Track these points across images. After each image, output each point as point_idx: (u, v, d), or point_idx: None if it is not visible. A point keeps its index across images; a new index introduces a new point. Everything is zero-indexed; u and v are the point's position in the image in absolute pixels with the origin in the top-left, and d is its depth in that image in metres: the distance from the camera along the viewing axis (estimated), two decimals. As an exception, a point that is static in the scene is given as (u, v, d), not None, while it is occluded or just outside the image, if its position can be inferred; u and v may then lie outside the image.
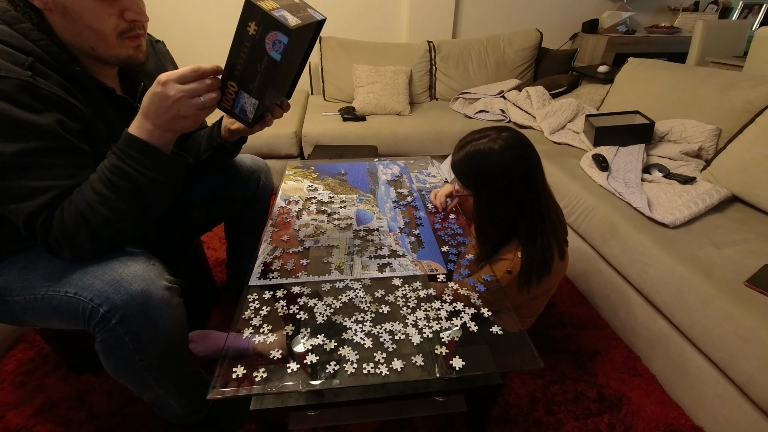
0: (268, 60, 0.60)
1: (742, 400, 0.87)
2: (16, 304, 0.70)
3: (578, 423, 0.98)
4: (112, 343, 0.67)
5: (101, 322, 0.65)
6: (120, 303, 0.64)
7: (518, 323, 0.75)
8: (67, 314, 0.67)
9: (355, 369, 0.64)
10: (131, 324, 0.66)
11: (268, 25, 0.56)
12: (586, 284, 1.39)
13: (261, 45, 0.58)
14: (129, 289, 0.64)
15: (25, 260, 0.71)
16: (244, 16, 0.57)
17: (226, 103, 0.67)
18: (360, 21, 2.62)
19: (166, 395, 0.80)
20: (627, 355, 1.17)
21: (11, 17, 0.61)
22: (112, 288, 0.64)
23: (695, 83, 1.58)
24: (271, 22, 0.56)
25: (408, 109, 2.29)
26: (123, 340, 0.67)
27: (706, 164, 1.44)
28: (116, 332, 0.66)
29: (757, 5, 3.16)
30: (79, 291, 0.65)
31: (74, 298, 0.65)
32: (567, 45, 3.03)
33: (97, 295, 0.64)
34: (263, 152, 1.97)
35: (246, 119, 0.68)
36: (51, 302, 0.67)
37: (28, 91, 0.58)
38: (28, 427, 0.96)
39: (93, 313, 0.64)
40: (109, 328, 0.65)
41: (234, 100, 0.66)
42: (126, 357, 0.69)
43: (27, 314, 0.71)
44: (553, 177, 1.53)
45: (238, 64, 0.62)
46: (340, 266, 0.86)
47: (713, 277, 0.96)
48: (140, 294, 0.65)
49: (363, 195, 1.16)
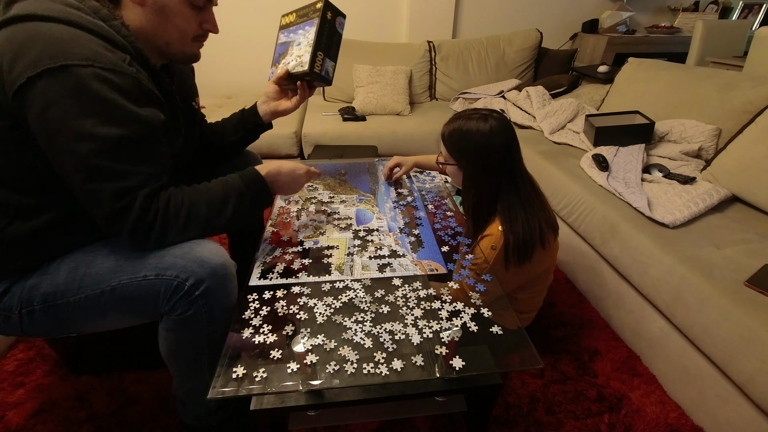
0: (337, 35, 0.96)
1: (742, 400, 0.87)
2: (69, 306, 0.70)
3: (578, 423, 0.98)
4: (189, 315, 0.70)
5: (185, 296, 0.69)
6: (205, 276, 0.69)
7: (517, 320, 0.75)
8: (142, 300, 0.70)
9: (355, 369, 0.64)
10: (211, 296, 0.70)
11: (337, 12, 0.95)
12: (586, 284, 1.39)
13: (333, 26, 0.94)
14: (212, 264, 0.70)
15: (73, 262, 0.72)
16: (325, 8, 0.91)
17: (318, 68, 0.91)
18: (360, 21, 2.62)
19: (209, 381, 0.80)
20: (627, 355, 1.17)
21: (105, 15, 0.67)
22: (197, 264, 0.69)
23: (695, 83, 1.58)
24: (338, 11, 0.95)
25: (408, 109, 2.29)
26: (200, 312, 0.71)
27: (706, 164, 1.44)
28: (196, 304, 0.70)
29: (757, 5, 3.16)
30: (160, 272, 0.68)
31: (155, 280, 0.68)
32: (567, 45, 3.03)
33: (182, 271, 0.68)
34: (263, 152, 1.95)
35: (328, 78, 0.95)
36: (123, 291, 0.69)
37: (135, 86, 0.65)
38: (28, 427, 0.96)
39: (178, 288, 0.68)
40: (191, 300, 0.69)
41: (321, 66, 0.92)
42: (197, 331, 0.73)
43: (82, 315, 0.72)
44: (553, 177, 1.53)
45: (323, 40, 0.91)
46: (340, 266, 0.86)
47: (713, 277, 0.96)
48: (221, 267, 0.71)
49: (363, 195, 1.16)
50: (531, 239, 0.88)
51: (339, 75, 2.43)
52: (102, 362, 1.09)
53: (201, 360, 0.77)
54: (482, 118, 0.90)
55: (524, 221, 0.88)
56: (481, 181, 0.92)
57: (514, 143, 0.91)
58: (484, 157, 0.90)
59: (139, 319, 0.75)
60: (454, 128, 0.93)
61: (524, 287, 1.01)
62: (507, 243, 0.87)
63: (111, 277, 0.70)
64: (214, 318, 0.73)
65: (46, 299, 0.70)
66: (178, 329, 0.73)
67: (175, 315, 0.70)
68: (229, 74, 2.62)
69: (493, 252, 0.88)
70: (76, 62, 0.58)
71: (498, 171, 0.90)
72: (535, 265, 0.92)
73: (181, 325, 0.72)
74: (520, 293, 1.02)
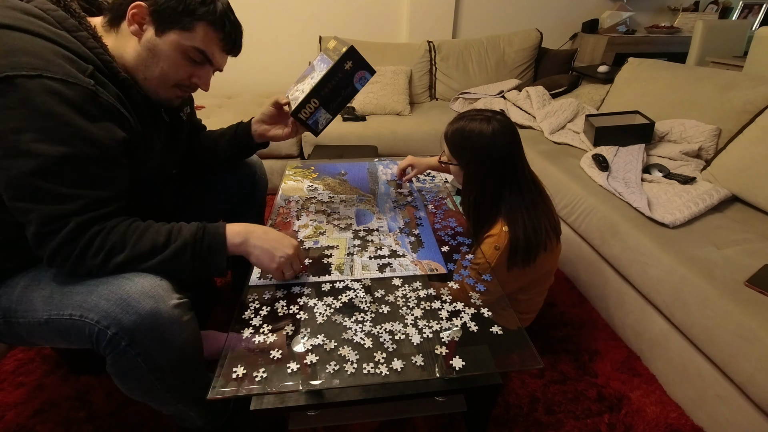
0: (351, 89, 0.87)
1: (742, 400, 0.87)
2: (20, 327, 0.67)
3: (578, 423, 0.98)
4: (124, 365, 0.65)
5: (110, 345, 0.63)
6: (129, 324, 0.61)
7: (517, 320, 0.75)
8: (74, 337, 0.65)
9: (355, 369, 0.64)
10: (142, 345, 0.64)
11: (361, 66, 0.85)
12: (586, 284, 1.39)
13: (350, 78, 0.86)
14: (137, 309, 0.62)
15: (29, 278, 0.69)
16: (345, 56, 0.83)
17: (304, 115, 0.87)
18: (360, 21, 2.62)
19: (186, 408, 0.79)
20: (627, 355, 1.17)
21: (71, 25, 0.64)
22: (120, 308, 0.61)
23: (695, 83, 1.58)
24: (364, 64, 0.86)
25: (408, 109, 2.29)
26: (136, 362, 0.65)
27: (706, 164, 1.44)
28: (128, 354, 0.64)
29: (757, 5, 3.16)
30: (84, 313, 0.62)
31: (79, 321, 0.62)
32: (567, 45, 3.03)
33: (103, 316, 0.61)
34: (263, 152, 1.95)
35: (316, 129, 0.90)
36: (55, 326, 0.65)
37: (90, 100, 0.60)
38: (28, 427, 0.96)
39: (101, 335, 0.62)
40: (119, 351, 0.63)
41: (311, 114, 0.87)
42: (140, 377, 0.67)
43: (33, 337, 0.69)
44: (553, 177, 1.53)
45: (327, 88, 0.84)
46: (340, 266, 0.86)
47: (713, 277, 0.96)
48: (149, 314, 0.63)
49: (363, 195, 1.16)
50: (535, 242, 0.88)
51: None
52: (102, 362, 1.06)
53: (162, 398, 0.73)
54: (485, 119, 0.89)
55: (527, 223, 0.88)
56: (481, 182, 0.92)
57: (516, 146, 0.91)
58: (486, 159, 0.90)
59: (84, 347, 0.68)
60: (456, 128, 0.93)
61: (525, 289, 1.01)
62: (512, 244, 0.87)
63: (43, 309, 0.65)
64: (158, 365, 0.67)
65: (5, 314, 0.67)
66: (119, 377, 0.69)
67: (109, 364, 0.66)
68: (229, 74, 2.61)
69: (496, 252, 0.88)
70: (22, 72, 0.55)
71: (499, 173, 0.90)
72: (537, 267, 0.92)
73: (120, 374, 0.68)
74: (521, 294, 1.02)
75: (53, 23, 0.62)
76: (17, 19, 0.59)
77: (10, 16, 0.59)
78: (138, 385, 0.70)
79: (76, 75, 0.59)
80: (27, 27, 0.59)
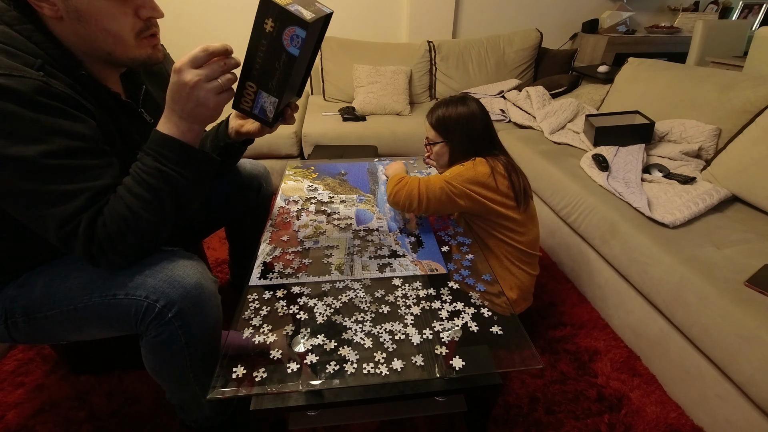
0: (286, 56, 0.60)
1: (742, 400, 0.87)
2: (47, 320, 0.68)
3: (578, 423, 0.98)
4: (165, 338, 0.66)
5: (157, 318, 0.64)
6: (176, 297, 0.64)
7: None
8: (115, 318, 0.66)
9: (355, 369, 0.64)
10: (186, 317, 0.66)
11: (286, 21, 0.57)
12: (587, 284, 1.39)
13: (279, 41, 0.59)
14: (183, 284, 0.65)
15: (50, 274, 0.69)
16: (261, 13, 0.57)
17: (246, 105, 0.67)
18: (360, 21, 2.62)
19: (201, 393, 0.79)
20: (627, 355, 1.17)
21: (12, 17, 0.58)
22: (167, 284, 0.64)
23: (695, 83, 1.58)
24: (289, 17, 0.56)
25: (408, 109, 2.29)
26: (176, 335, 0.66)
27: (706, 164, 1.44)
28: (171, 326, 0.65)
29: (757, 5, 3.16)
30: (130, 291, 0.64)
31: (125, 299, 0.64)
32: (567, 45, 3.03)
33: (152, 291, 0.63)
34: (263, 152, 1.97)
35: (266, 119, 0.68)
36: (95, 310, 0.66)
37: (42, 92, 0.55)
38: (28, 427, 0.96)
39: (148, 310, 0.64)
40: (164, 323, 0.65)
41: (253, 101, 0.66)
42: (176, 352, 0.69)
43: (62, 328, 0.70)
44: (553, 177, 1.53)
45: (256, 63, 0.62)
46: (340, 266, 0.86)
47: (713, 277, 0.96)
48: (194, 287, 0.66)
49: (363, 195, 1.16)
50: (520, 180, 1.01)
51: (339, 75, 2.43)
52: (102, 362, 1.09)
53: (186, 377, 0.74)
54: (459, 100, 1.05)
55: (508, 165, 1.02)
56: (464, 146, 1.04)
57: (486, 114, 1.07)
58: (467, 125, 1.03)
59: (119, 333, 0.72)
60: (439, 114, 1.06)
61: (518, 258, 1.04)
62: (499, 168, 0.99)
63: (82, 294, 0.66)
64: (194, 340, 0.69)
65: (26, 312, 0.68)
66: (156, 350, 0.69)
67: (150, 337, 0.67)
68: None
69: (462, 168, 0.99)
70: None
71: (479, 135, 1.04)
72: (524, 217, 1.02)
73: (159, 347, 0.68)
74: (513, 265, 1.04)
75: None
76: None
77: None
78: (170, 361, 0.71)
79: (21, 68, 0.54)
80: None
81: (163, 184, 0.62)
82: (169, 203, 0.63)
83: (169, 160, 0.62)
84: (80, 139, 0.58)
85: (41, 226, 0.59)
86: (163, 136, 0.62)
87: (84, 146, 0.59)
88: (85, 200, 0.58)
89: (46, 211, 0.57)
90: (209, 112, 0.62)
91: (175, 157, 0.62)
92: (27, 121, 0.53)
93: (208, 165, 0.67)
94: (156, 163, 0.61)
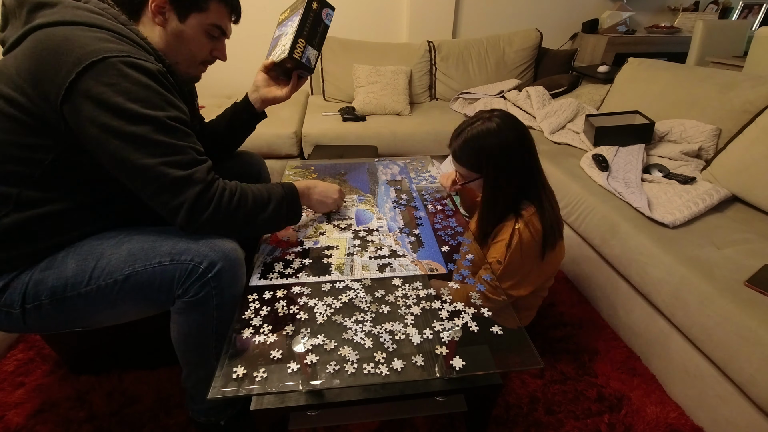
0: (323, 25, 0.98)
1: (742, 400, 0.87)
2: (79, 298, 0.71)
3: (578, 423, 0.98)
4: (200, 297, 0.72)
5: (198, 278, 0.71)
6: (217, 258, 0.72)
7: (517, 320, 0.75)
8: (156, 286, 0.72)
9: (355, 369, 0.64)
10: (222, 278, 0.73)
11: (325, 4, 0.97)
12: (586, 284, 1.39)
13: (319, 16, 0.96)
14: (222, 248, 0.73)
15: (80, 254, 0.72)
16: None
17: (297, 54, 0.94)
18: (360, 21, 2.62)
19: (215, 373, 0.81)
20: (627, 355, 1.17)
21: (124, 20, 0.73)
22: (208, 248, 0.72)
23: (695, 83, 1.58)
24: (326, 2, 0.97)
25: (408, 109, 2.29)
26: (210, 295, 0.73)
27: (706, 164, 1.44)
28: (208, 286, 0.72)
29: (757, 5, 3.16)
30: (175, 257, 0.71)
31: (170, 266, 0.71)
32: (567, 45, 3.03)
33: (196, 254, 0.71)
34: (263, 152, 1.96)
35: (310, 66, 0.97)
36: (137, 279, 0.71)
37: (165, 77, 0.71)
38: (28, 427, 0.96)
39: (193, 271, 0.71)
40: (204, 282, 0.72)
41: (302, 53, 0.95)
42: (206, 314, 0.75)
43: (93, 307, 0.73)
44: (553, 177, 1.53)
45: (306, 28, 0.94)
46: (340, 266, 0.86)
47: (713, 277, 0.96)
48: (231, 251, 0.74)
49: (363, 195, 1.16)
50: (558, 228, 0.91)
51: (339, 75, 2.44)
52: (102, 362, 1.09)
53: (208, 346, 0.78)
54: (485, 120, 0.87)
55: (551, 212, 0.90)
56: (501, 182, 0.89)
57: (527, 136, 0.89)
58: (503, 157, 0.86)
59: (149, 308, 0.77)
60: (464, 139, 0.89)
61: None
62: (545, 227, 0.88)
63: (123, 266, 0.71)
64: (223, 301, 0.75)
65: (55, 293, 0.70)
66: (189, 311, 0.74)
67: (188, 297, 0.72)
68: (228, 74, 2.61)
69: (508, 250, 0.88)
70: (114, 54, 0.64)
71: (518, 168, 0.88)
72: (551, 263, 0.94)
73: (192, 307, 0.74)
74: None
75: (111, 19, 0.70)
76: (87, 16, 0.67)
77: (80, 14, 0.67)
78: (200, 322, 0.76)
79: (148, 58, 0.70)
80: (95, 23, 0.67)
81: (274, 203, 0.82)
82: (266, 215, 0.80)
83: (287, 201, 0.84)
84: (184, 113, 0.73)
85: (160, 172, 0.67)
86: (297, 191, 0.88)
87: (186, 119, 0.73)
88: (193, 156, 0.71)
89: (168, 158, 0.68)
90: (316, 207, 1.00)
91: (290, 202, 0.85)
92: (157, 93, 0.68)
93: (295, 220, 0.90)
94: (280, 196, 0.83)
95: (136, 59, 0.66)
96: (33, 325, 0.74)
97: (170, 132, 0.68)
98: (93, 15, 0.68)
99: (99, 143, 0.65)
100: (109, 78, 0.63)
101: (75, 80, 0.61)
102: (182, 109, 0.73)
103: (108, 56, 0.63)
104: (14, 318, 0.71)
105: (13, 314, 0.71)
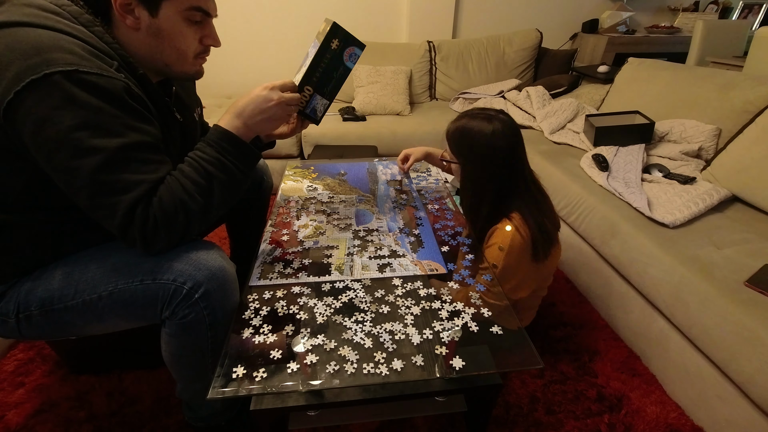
0: (343, 68, 0.81)
1: (742, 400, 0.87)
2: (66, 311, 0.69)
3: (578, 423, 0.98)
4: (191, 319, 0.69)
5: (184, 300, 0.67)
6: (202, 278, 0.68)
7: (517, 320, 0.75)
8: (140, 305, 0.68)
9: (355, 369, 0.64)
10: (211, 299, 0.69)
11: (349, 42, 0.78)
12: (586, 284, 1.39)
13: (340, 57, 0.79)
14: (209, 266, 0.69)
15: (68, 267, 0.70)
16: (330, 35, 0.76)
17: (300, 105, 0.82)
18: (360, 21, 2.62)
19: None
20: (627, 355, 1.17)
21: (87, 20, 0.63)
22: (193, 266, 0.68)
23: (695, 83, 1.58)
24: (353, 40, 0.78)
25: (408, 109, 2.29)
26: (201, 315, 0.69)
27: (706, 164, 1.44)
28: (197, 307, 0.68)
29: (757, 5, 3.16)
30: (157, 276, 0.67)
31: (152, 284, 0.67)
32: (567, 45, 3.03)
33: (179, 274, 0.67)
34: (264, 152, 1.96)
35: (315, 118, 0.87)
36: (121, 296, 0.68)
37: (126, 92, 0.62)
38: (28, 427, 0.96)
39: (176, 292, 0.67)
40: (191, 304, 0.68)
41: (307, 103, 0.83)
42: (199, 334, 0.71)
43: (80, 319, 0.70)
44: (553, 177, 1.53)
45: (317, 72, 0.79)
46: (340, 267, 0.86)
47: (713, 277, 0.96)
48: (219, 269, 0.70)
49: (363, 195, 1.16)
50: (547, 237, 0.89)
51: (339, 75, 2.45)
52: (102, 362, 1.09)
53: (204, 363, 0.76)
54: (487, 118, 0.89)
55: (538, 220, 0.89)
56: (480, 182, 0.92)
57: (519, 147, 0.90)
58: (485, 158, 0.89)
59: (138, 323, 0.74)
60: (458, 126, 0.92)
61: None
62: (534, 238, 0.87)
63: (107, 282, 0.68)
64: (217, 320, 0.72)
65: (43, 304, 0.69)
66: (181, 334, 0.71)
67: (177, 319, 0.69)
68: (229, 74, 2.62)
69: (501, 253, 0.88)
70: (59, 69, 0.55)
71: (498, 174, 0.90)
72: (548, 264, 0.93)
73: (184, 329, 0.71)
74: None
75: (70, 19, 0.62)
76: (36, 16, 0.58)
77: (29, 13, 0.58)
78: (193, 342, 0.72)
79: (107, 69, 0.60)
80: (47, 23, 0.58)
81: (219, 173, 0.69)
82: (219, 192, 0.70)
83: (229, 153, 0.70)
84: (148, 135, 0.65)
85: (106, 212, 0.62)
86: (226, 131, 0.71)
87: (150, 142, 0.65)
88: (145, 190, 0.63)
89: (115, 198, 0.61)
90: (269, 127, 0.76)
91: (234, 151, 0.71)
92: (112, 116, 0.60)
93: (256, 160, 0.77)
94: (217, 153, 0.69)
95: (87, 74, 0.57)
96: (27, 334, 0.73)
97: (120, 165, 0.60)
98: (44, 14, 0.59)
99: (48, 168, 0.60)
100: (52, 100, 0.55)
101: (13, 100, 0.54)
102: (146, 130, 0.64)
103: (50, 72, 0.54)
104: (10, 327, 0.71)
105: (9, 323, 0.70)
